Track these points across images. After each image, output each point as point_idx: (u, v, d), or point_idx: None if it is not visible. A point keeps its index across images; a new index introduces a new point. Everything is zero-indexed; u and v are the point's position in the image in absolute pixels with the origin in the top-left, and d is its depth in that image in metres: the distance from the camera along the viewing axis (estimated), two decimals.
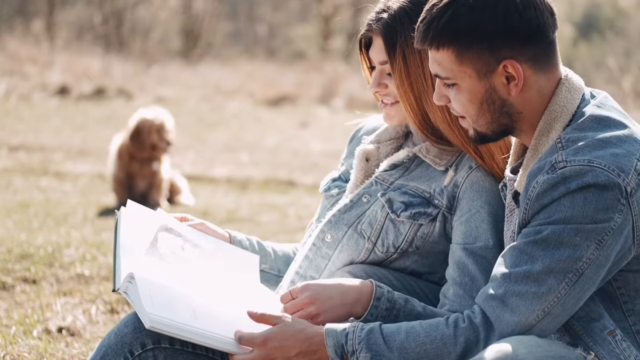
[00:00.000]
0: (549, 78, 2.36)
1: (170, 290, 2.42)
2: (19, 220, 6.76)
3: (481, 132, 2.40)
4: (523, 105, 2.35)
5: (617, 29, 20.71)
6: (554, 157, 2.27)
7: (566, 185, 2.21)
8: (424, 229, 2.61)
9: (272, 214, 7.66)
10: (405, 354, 2.27)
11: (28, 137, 12.18)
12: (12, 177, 9.26)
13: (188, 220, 2.79)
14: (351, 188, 2.75)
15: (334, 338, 2.32)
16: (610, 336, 2.30)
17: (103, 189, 8.66)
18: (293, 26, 28.40)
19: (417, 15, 2.46)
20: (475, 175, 2.60)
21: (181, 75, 20.05)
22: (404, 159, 2.71)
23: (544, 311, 2.23)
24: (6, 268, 4.96)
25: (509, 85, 2.33)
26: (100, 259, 5.18)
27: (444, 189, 2.61)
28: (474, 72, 2.33)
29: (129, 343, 2.49)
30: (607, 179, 2.20)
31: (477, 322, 2.27)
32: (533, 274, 2.22)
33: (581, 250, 2.21)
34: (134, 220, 2.60)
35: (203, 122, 14.71)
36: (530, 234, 2.26)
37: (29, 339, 3.89)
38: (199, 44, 25.44)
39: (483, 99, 2.34)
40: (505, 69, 2.31)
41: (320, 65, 20.64)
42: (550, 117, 2.34)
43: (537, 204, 2.25)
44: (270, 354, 2.33)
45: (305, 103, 17.79)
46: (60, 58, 19.23)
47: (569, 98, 2.35)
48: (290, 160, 11.36)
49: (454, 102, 2.39)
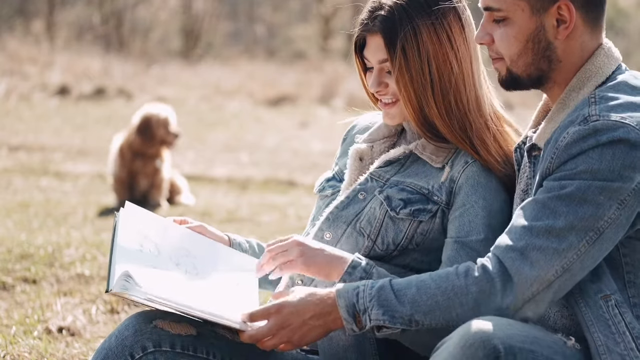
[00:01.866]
0: (593, 37, 2.38)
1: (169, 288, 2.43)
2: (19, 220, 6.77)
3: (515, 74, 2.40)
4: (564, 53, 2.36)
5: (617, 29, 20.71)
6: (586, 110, 2.27)
7: (596, 138, 2.22)
8: (424, 226, 2.61)
9: (272, 214, 7.66)
10: (417, 306, 2.25)
11: (28, 137, 12.18)
12: (12, 177, 9.26)
13: (187, 222, 2.78)
14: (345, 188, 2.74)
15: (345, 299, 2.30)
16: (603, 300, 2.28)
17: (103, 189, 8.66)
18: (293, 26, 28.40)
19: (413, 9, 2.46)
20: (471, 170, 2.59)
21: (181, 75, 20.05)
22: (400, 155, 2.70)
23: (563, 267, 2.22)
24: (6, 268, 4.96)
25: (558, 28, 2.34)
26: (100, 259, 5.18)
27: (442, 185, 2.60)
28: (527, 6, 2.34)
29: (129, 346, 2.47)
30: (638, 137, 2.21)
31: (494, 272, 2.24)
32: (555, 229, 2.22)
33: (604, 209, 2.21)
34: (132, 222, 2.58)
35: (203, 122, 14.71)
36: (554, 188, 2.25)
37: (29, 339, 3.88)
38: (199, 44, 25.44)
39: (530, 36, 2.35)
40: (559, 10, 2.32)
41: (320, 65, 20.64)
42: (584, 76, 2.36)
43: (565, 154, 2.25)
44: (286, 320, 2.32)
45: (305, 103, 17.79)
46: (60, 58, 19.23)
47: (606, 62, 2.37)
48: (290, 160, 11.36)
49: (499, 38, 2.38)
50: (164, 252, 2.57)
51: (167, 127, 7.80)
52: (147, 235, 2.58)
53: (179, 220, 2.76)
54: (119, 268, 2.40)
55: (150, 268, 2.49)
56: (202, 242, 2.70)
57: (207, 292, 2.53)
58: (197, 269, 2.60)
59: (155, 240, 2.59)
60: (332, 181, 2.82)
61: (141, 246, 2.54)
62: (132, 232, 2.55)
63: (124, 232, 2.53)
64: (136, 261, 2.47)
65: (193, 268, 2.60)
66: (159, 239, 2.60)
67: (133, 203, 2.68)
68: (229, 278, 2.63)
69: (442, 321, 2.25)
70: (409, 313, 2.25)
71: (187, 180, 8.60)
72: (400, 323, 2.26)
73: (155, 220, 2.66)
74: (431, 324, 2.26)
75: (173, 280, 2.50)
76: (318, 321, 2.32)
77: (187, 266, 2.59)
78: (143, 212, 2.65)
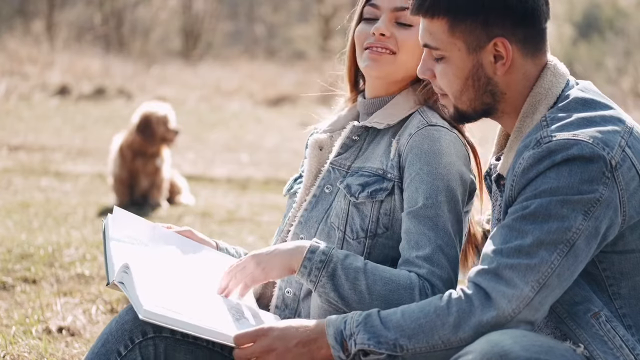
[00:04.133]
0: (535, 63, 2.38)
1: (161, 281, 2.43)
2: (19, 220, 6.77)
3: (462, 110, 2.41)
4: (507, 86, 2.38)
5: (617, 29, 20.72)
6: (539, 133, 2.29)
7: (551, 158, 2.23)
8: (386, 206, 2.59)
9: (272, 214, 7.66)
10: (401, 331, 2.27)
11: (28, 137, 12.18)
12: (12, 177, 9.26)
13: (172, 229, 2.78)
14: (307, 177, 2.74)
15: (334, 326, 2.32)
16: (594, 319, 2.30)
17: (103, 189, 8.66)
18: (293, 26, 28.40)
19: None
20: (415, 140, 2.57)
21: (181, 75, 20.06)
22: (351, 134, 2.69)
23: (538, 282, 2.22)
24: (6, 268, 4.96)
25: (496, 64, 2.35)
26: (100, 259, 5.19)
27: (392, 162, 2.60)
28: (464, 46, 2.35)
29: (129, 330, 2.49)
30: (592, 151, 2.22)
31: (471, 293, 2.25)
32: (524, 247, 2.22)
33: (569, 221, 2.21)
34: (120, 226, 2.60)
35: (203, 122, 14.72)
36: (517, 210, 2.26)
37: (29, 339, 3.88)
38: (199, 44, 25.45)
39: (469, 74, 2.36)
40: (495, 47, 2.33)
41: (320, 65, 20.65)
42: (535, 100, 2.37)
43: (524, 179, 2.26)
44: (271, 344, 2.33)
45: (305, 103, 17.79)
46: (60, 58, 19.24)
47: (554, 82, 2.38)
48: (290, 160, 11.36)
49: (440, 76, 2.40)
50: (155, 251, 2.59)
51: (166, 125, 7.81)
52: (136, 237, 2.60)
53: (165, 226, 2.76)
54: (117, 261, 2.42)
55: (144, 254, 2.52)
56: (190, 245, 2.72)
57: (201, 288, 2.54)
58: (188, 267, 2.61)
59: (145, 242, 2.61)
60: (300, 179, 2.84)
61: (132, 245, 2.56)
62: (122, 235, 2.57)
63: (114, 234, 2.55)
64: (130, 252, 2.50)
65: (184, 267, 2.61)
66: (148, 240, 2.62)
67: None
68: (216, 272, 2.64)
69: (426, 345, 2.26)
70: (393, 337, 2.27)
71: (187, 180, 8.60)
72: (385, 348, 2.27)
73: (143, 224, 2.68)
74: (415, 348, 2.27)
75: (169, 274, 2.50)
76: (303, 349, 2.33)
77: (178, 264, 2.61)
78: (131, 216, 2.67)
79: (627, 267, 2.33)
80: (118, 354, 2.49)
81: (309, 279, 2.47)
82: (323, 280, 2.46)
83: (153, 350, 2.50)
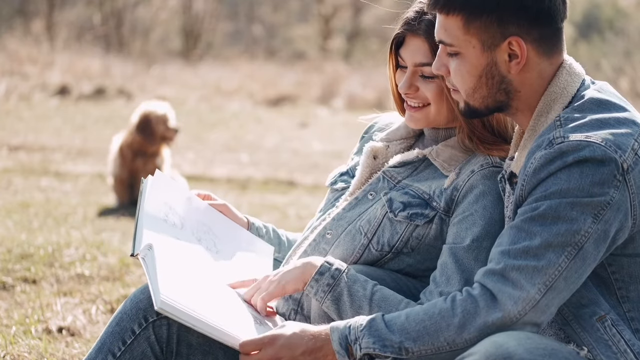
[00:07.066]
0: (551, 62, 2.38)
1: (185, 274, 2.44)
2: (19, 220, 6.76)
3: (473, 106, 2.41)
4: (522, 84, 2.37)
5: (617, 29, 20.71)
6: (551, 134, 2.28)
7: (563, 159, 2.23)
8: (420, 230, 2.61)
9: (272, 214, 7.66)
10: (406, 333, 2.27)
11: (28, 137, 12.17)
12: (12, 177, 9.26)
13: (211, 198, 2.81)
14: (356, 184, 2.75)
15: (338, 332, 2.33)
16: (599, 322, 2.30)
17: (103, 189, 8.65)
18: (293, 26, 28.40)
19: None
20: (475, 178, 2.58)
21: (181, 75, 20.05)
22: (414, 158, 2.70)
23: (545, 285, 2.22)
24: (6, 268, 4.96)
25: (510, 63, 2.35)
26: (100, 259, 5.19)
27: (443, 192, 2.60)
28: (478, 43, 2.34)
29: (143, 309, 2.53)
30: (604, 153, 2.21)
31: (476, 294, 2.26)
32: (532, 249, 2.22)
33: (578, 223, 2.21)
34: (158, 192, 2.62)
35: (203, 122, 14.71)
36: (527, 211, 2.26)
37: (29, 339, 3.88)
38: (199, 44, 25.43)
39: (483, 72, 2.36)
40: (510, 45, 2.33)
41: (320, 65, 20.65)
42: (550, 99, 2.36)
43: (534, 179, 2.26)
44: (277, 352, 2.34)
45: (305, 103, 17.79)
46: (60, 58, 19.22)
47: (569, 81, 2.37)
48: (290, 160, 11.36)
49: (453, 73, 2.40)
50: (187, 226, 2.63)
51: (166, 123, 7.80)
52: (172, 206, 2.63)
53: (204, 194, 2.79)
54: (146, 234, 2.45)
55: (174, 239, 2.53)
56: (223, 222, 2.76)
57: (223, 278, 2.56)
58: (217, 247, 2.66)
59: (180, 213, 2.64)
60: (345, 176, 2.84)
61: (166, 216, 2.59)
62: (158, 202, 2.59)
63: (150, 200, 2.57)
64: (161, 230, 2.52)
65: (213, 246, 2.65)
66: (183, 212, 2.65)
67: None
68: (246, 262, 2.67)
69: (431, 346, 2.27)
70: (398, 340, 2.28)
71: (187, 180, 8.59)
72: (390, 351, 2.28)
73: (180, 192, 2.70)
74: (420, 350, 2.27)
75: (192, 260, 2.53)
76: (309, 357, 2.34)
77: (208, 243, 2.64)
78: (170, 182, 2.70)
79: (636, 271, 2.32)
80: (132, 332, 2.53)
81: (315, 298, 2.52)
82: (327, 302, 2.50)
83: (166, 330, 2.54)
